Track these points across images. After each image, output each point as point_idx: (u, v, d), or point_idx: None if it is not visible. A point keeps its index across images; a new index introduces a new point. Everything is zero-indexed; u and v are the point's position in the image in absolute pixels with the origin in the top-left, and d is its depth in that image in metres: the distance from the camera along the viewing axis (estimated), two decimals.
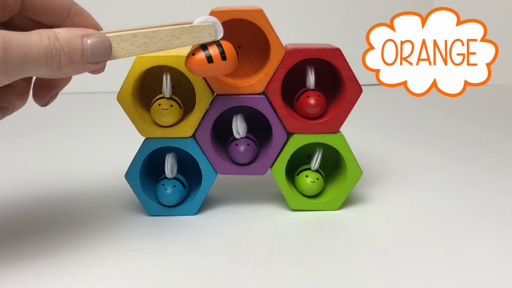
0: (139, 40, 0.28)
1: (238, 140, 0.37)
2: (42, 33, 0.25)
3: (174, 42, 0.29)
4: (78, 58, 0.26)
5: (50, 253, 0.32)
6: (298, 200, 0.38)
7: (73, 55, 0.26)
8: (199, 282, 0.28)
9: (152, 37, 0.28)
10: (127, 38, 0.28)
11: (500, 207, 0.39)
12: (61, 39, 0.25)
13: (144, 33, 0.28)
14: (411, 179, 0.46)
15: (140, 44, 0.28)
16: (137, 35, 0.28)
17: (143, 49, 0.28)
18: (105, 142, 0.63)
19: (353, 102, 0.36)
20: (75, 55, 0.26)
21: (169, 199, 0.37)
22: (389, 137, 0.64)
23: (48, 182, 0.46)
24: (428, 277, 0.28)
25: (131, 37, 0.28)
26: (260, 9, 0.34)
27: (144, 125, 0.36)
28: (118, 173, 0.48)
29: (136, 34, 0.28)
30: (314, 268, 0.30)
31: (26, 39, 0.24)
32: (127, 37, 0.28)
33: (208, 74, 0.32)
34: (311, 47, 0.35)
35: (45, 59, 0.25)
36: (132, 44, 0.28)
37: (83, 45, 0.26)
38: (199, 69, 0.31)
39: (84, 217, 0.38)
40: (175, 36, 0.29)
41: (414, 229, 0.35)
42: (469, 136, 0.63)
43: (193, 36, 0.30)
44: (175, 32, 0.29)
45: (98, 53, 0.27)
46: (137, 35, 0.28)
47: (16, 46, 0.23)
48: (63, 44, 0.25)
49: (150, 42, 0.28)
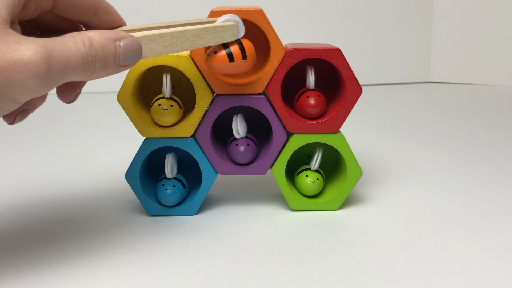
0: (166, 40, 0.28)
1: (238, 140, 0.37)
2: (77, 38, 0.25)
3: (199, 42, 0.30)
4: (111, 62, 0.26)
5: (50, 253, 0.32)
6: (298, 200, 0.38)
7: (107, 60, 0.26)
8: (199, 282, 0.28)
9: (178, 37, 0.28)
10: (155, 39, 0.28)
11: (500, 207, 0.39)
12: (95, 44, 0.25)
13: (171, 33, 0.28)
14: (411, 179, 0.46)
15: (167, 44, 0.28)
16: (164, 36, 0.28)
17: (169, 49, 0.28)
18: (105, 142, 0.63)
19: (353, 102, 0.36)
20: (109, 60, 0.26)
21: (169, 199, 0.37)
22: (389, 137, 0.64)
23: (48, 182, 0.46)
24: (428, 277, 0.28)
25: (158, 37, 0.28)
26: (260, 9, 0.34)
27: (144, 125, 0.36)
28: (118, 173, 0.48)
29: (164, 34, 0.28)
30: (314, 268, 0.30)
31: (65, 49, 0.24)
32: (155, 38, 0.28)
33: (227, 72, 0.32)
34: (311, 47, 0.35)
35: (83, 66, 0.25)
36: (159, 44, 0.28)
37: (116, 49, 0.26)
38: (220, 67, 0.32)
39: (84, 217, 0.38)
40: (200, 36, 0.29)
41: (414, 229, 0.35)
42: (469, 136, 0.63)
43: (217, 36, 0.30)
44: (201, 32, 0.29)
45: (130, 56, 0.27)
46: (164, 35, 0.28)
47: (57, 58, 0.23)
48: (98, 49, 0.25)
49: (177, 43, 0.29)
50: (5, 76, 0.22)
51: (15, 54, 0.22)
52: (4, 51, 0.22)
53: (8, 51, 0.22)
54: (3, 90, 0.22)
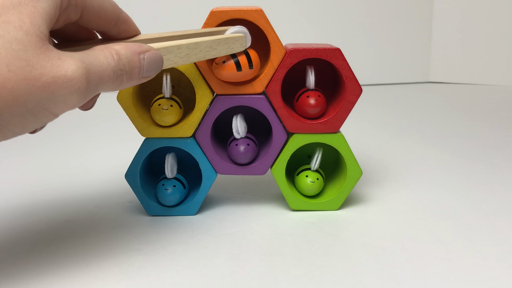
0: (183, 51, 0.30)
1: (238, 140, 0.37)
2: (106, 52, 0.25)
3: (212, 52, 0.31)
4: (136, 75, 0.27)
5: (50, 253, 0.32)
6: (298, 200, 0.38)
7: (133, 73, 0.27)
8: (199, 282, 0.28)
9: (193, 49, 0.30)
10: (172, 50, 0.29)
11: (500, 207, 0.39)
12: (123, 58, 0.26)
13: (187, 44, 0.30)
14: (411, 179, 0.46)
15: (183, 55, 0.30)
16: (181, 47, 0.29)
17: (185, 59, 0.30)
18: (105, 142, 0.63)
19: (353, 102, 0.36)
20: (134, 72, 0.27)
21: (169, 199, 0.37)
22: (389, 137, 0.64)
23: (48, 182, 0.46)
24: (428, 277, 0.28)
25: (176, 49, 0.29)
26: (260, 9, 0.34)
27: (144, 125, 0.36)
28: (118, 173, 0.48)
29: (180, 46, 0.29)
30: (314, 268, 0.30)
31: (98, 63, 0.25)
32: (173, 49, 0.29)
33: (234, 80, 0.35)
34: (311, 47, 0.35)
35: (113, 79, 0.26)
36: (176, 55, 0.29)
37: (140, 62, 0.27)
38: (228, 75, 0.34)
39: (84, 217, 0.38)
40: (213, 47, 0.31)
41: (414, 229, 0.35)
42: (469, 136, 0.63)
43: (227, 47, 0.32)
44: (213, 43, 0.31)
45: (152, 68, 0.28)
46: (181, 47, 0.29)
47: (93, 73, 0.24)
48: (125, 63, 0.26)
49: (192, 53, 0.30)
50: (49, 91, 0.23)
51: (58, 70, 0.23)
52: (48, 67, 0.23)
53: (52, 67, 0.23)
54: (46, 105, 0.23)
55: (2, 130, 0.23)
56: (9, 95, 0.22)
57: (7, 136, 0.23)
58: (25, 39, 0.22)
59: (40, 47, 0.23)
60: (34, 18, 0.23)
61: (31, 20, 0.23)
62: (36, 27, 0.23)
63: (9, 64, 0.22)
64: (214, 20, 0.34)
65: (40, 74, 0.22)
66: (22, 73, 0.22)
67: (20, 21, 0.23)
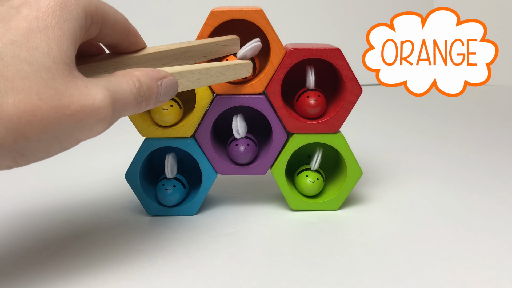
0: (194, 76, 0.30)
1: (238, 140, 0.37)
2: (128, 79, 0.26)
3: (220, 78, 0.32)
4: (153, 100, 0.27)
5: (50, 253, 0.32)
6: (298, 200, 0.38)
7: (151, 99, 0.27)
8: (199, 282, 0.28)
9: (204, 74, 0.31)
10: (185, 75, 0.30)
11: (500, 207, 0.39)
12: (143, 85, 0.26)
13: (199, 70, 0.30)
14: (411, 179, 0.46)
15: (194, 79, 0.30)
16: (193, 72, 0.30)
17: (196, 84, 0.31)
18: (105, 142, 0.63)
19: (353, 102, 0.36)
20: (152, 98, 0.27)
21: (169, 199, 0.37)
22: (389, 137, 0.64)
23: (48, 182, 0.46)
24: (428, 277, 0.28)
25: (188, 74, 0.30)
26: (260, 9, 0.34)
27: (144, 125, 0.36)
28: (118, 173, 0.48)
29: (193, 71, 0.30)
30: (314, 268, 0.30)
31: (121, 90, 0.25)
32: (186, 74, 0.30)
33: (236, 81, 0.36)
34: (311, 47, 0.35)
35: (134, 106, 0.26)
36: (189, 80, 0.30)
37: (158, 89, 0.27)
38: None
39: (84, 217, 0.38)
40: (222, 73, 0.32)
41: (414, 229, 0.35)
42: (469, 136, 0.63)
43: (235, 73, 0.33)
44: (223, 69, 0.32)
45: (168, 93, 0.28)
46: (193, 72, 0.30)
47: (118, 101, 0.25)
48: (145, 89, 0.26)
49: (202, 78, 0.31)
50: (77, 120, 0.23)
51: (87, 99, 0.23)
52: (76, 96, 0.23)
53: (80, 96, 0.23)
54: (72, 133, 0.23)
55: (27, 155, 0.23)
56: (39, 123, 0.22)
57: (30, 161, 0.23)
58: (53, 67, 0.22)
59: (67, 75, 0.23)
60: (61, 43, 0.23)
61: (58, 45, 0.23)
62: (63, 52, 0.23)
63: (39, 92, 0.22)
64: (214, 20, 0.34)
65: (70, 103, 0.23)
66: (52, 101, 0.22)
67: (48, 47, 0.22)
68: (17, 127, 0.21)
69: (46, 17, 0.23)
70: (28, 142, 0.22)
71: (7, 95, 0.21)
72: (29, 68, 0.22)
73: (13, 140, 0.22)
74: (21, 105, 0.21)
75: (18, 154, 0.23)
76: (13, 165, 0.23)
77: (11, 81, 0.21)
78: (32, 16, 0.23)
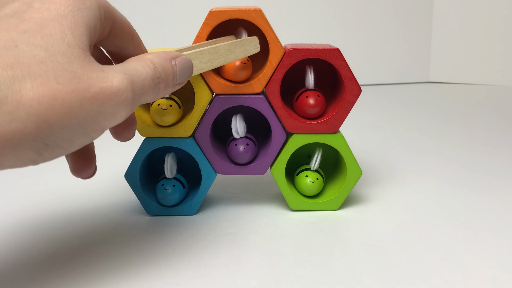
0: (205, 57, 0.30)
1: (237, 140, 0.37)
2: (141, 62, 0.25)
3: (231, 56, 0.32)
4: (171, 81, 0.27)
5: (50, 253, 0.32)
6: (298, 200, 0.38)
7: (168, 79, 0.27)
8: (199, 282, 0.28)
9: (214, 53, 0.30)
10: (196, 56, 0.29)
11: (500, 207, 0.39)
12: (158, 66, 0.26)
13: (208, 49, 0.30)
14: (411, 179, 0.46)
15: (206, 60, 0.30)
16: (203, 53, 0.30)
17: (208, 65, 0.30)
18: (105, 142, 0.63)
19: (352, 102, 0.36)
20: (169, 79, 0.27)
21: (169, 199, 0.37)
22: (389, 137, 0.64)
23: (48, 182, 0.46)
24: (428, 277, 0.28)
25: (199, 54, 0.29)
26: (259, 9, 0.34)
27: (143, 125, 0.36)
28: (118, 173, 0.48)
29: (202, 51, 0.30)
30: (314, 268, 0.30)
31: (138, 73, 0.25)
32: (196, 55, 0.29)
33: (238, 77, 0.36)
34: (310, 47, 0.35)
35: (152, 88, 0.25)
36: (200, 61, 0.30)
37: (173, 69, 0.27)
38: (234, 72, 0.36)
39: (84, 217, 0.38)
40: (231, 50, 0.32)
41: (414, 229, 0.35)
42: (469, 136, 0.63)
43: (244, 49, 0.33)
44: (231, 46, 0.32)
45: (185, 74, 0.28)
46: (203, 52, 0.30)
47: (136, 83, 0.24)
48: (161, 70, 0.26)
49: (213, 58, 0.30)
50: (99, 103, 0.22)
51: (104, 81, 0.23)
52: (94, 78, 0.22)
53: (98, 78, 0.22)
54: (96, 117, 0.22)
55: (51, 145, 0.22)
56: (61, 107, 0.21)
57: (54, 152, 0.22)
58: (68, 51, 0.22)
59: (83, 58, 0.22)
60: (75, 29, 0.23)
61: (72, 31, 0.23)
62: (78, 38, 0.23)
63: (56, 76, 0.21)
64: (213, 20, 0.34)
65: (89, 86, 0.22)
66: (71, 84, 0.21)
67: (62, 33, 0.22)
68: (38, 112, 0.21)
69: (59, 7, 0.23)
70: (51, 129, 0.21)
71: (25, 80, 0.21)
72: (44, 54, 0.21)
73: (35, 127, 0.21)
74: (40, 90, 0.21)
75: (42, 144, 0.21)
76: (37, 159, 0.22)
77: (28, 67, 0.21)
78: (44, 8, 0.23)
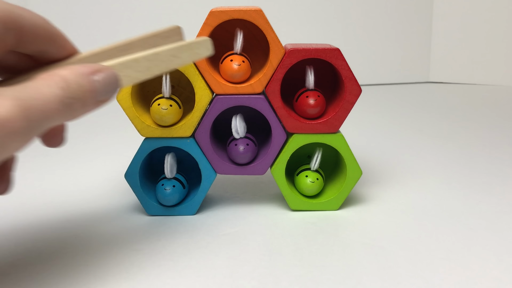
0: (142, 64, 0.27)
1: (237, 140, 0.37)
2: (49, 81, 0.22)
3: (176, 61, 0.28)
4: (89, 99, 0.24)
5: (50, 253, 0.32)
6: (298, 200, 0.38)
7: (85, 97, 0.24)
8: (199, 282, 0.28)
9: (153, 60, 0.27)
10: (130, 65, 0.26)
11: (500, 207, 0.39)
12: (72, 84, 0.23)
13: (145, 56, 0.27)
14: (411, 179, 0.46)
15: (143, 68, 0.27)
16: (139, 60, 0.26)
17: (146, 73, 0.27)
18: (105, 142, 0.63)
19: (352, 102, 0.36)
20: (86, 97, 0.24)
21: (169, 199, 0.37)
22: (389, 137, 0.64)
23: (47, 182, 0.46)
24: (428, 277, 0.28)
25: (133, 62, 0.26)
26: (259, 9, 0.34)
27: (143, 125, 0.36)
28: (118, 173, 0.48)
29: (137, 59, 0.26)
30: (314, 268, 0.30)
31: (39, 95, 0.21)
32: (130, 64, 0.26)
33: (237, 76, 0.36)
34: (310, 47, 0.35)
35: (61, 111, 0.22)
36: (136, 70, 0.26)
37: (92, 85, 0.24)
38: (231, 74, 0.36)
39: (84, 217, 0.38)
40: (176, 56, 0.28)
41: (414, 229, 0.35)
42: (469, 136, 0.63)
43: (192, 53, 0.29)
44: (175, 51, 0.28)
45: (108, 89, 0.25)
46: (138, 59, 0.26)
47: (34, 109, 0.21)
48: (74, 89, 0.23)
49: (152, 65, 0.27)
50: None
51: None
52: None
53: None
54: None
55: None
56: None
57: None
58: None
59: None
60: None
61: None
62: None
63: None
64: (214, 20, 0.34)
65: None
66: None
67: None
68: None
69: None
70: None
71: None
72: None
73: None
74: None
75: None
76: None
77: None
78: None
